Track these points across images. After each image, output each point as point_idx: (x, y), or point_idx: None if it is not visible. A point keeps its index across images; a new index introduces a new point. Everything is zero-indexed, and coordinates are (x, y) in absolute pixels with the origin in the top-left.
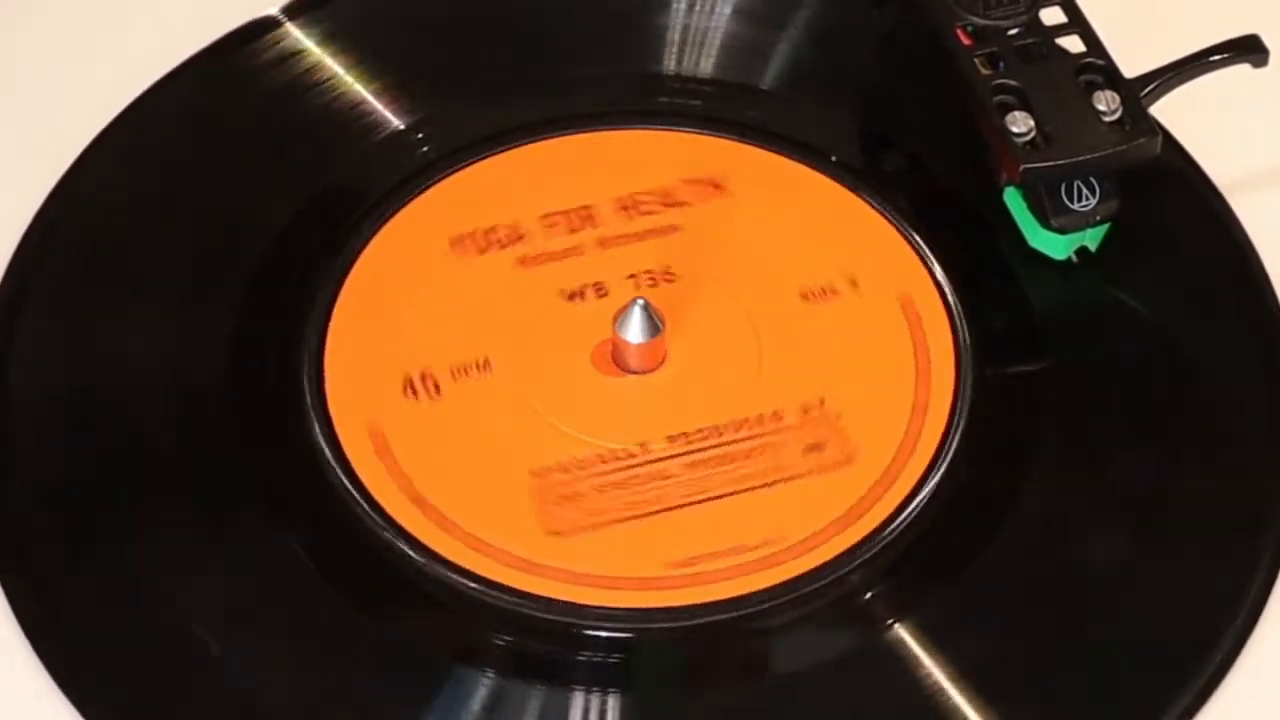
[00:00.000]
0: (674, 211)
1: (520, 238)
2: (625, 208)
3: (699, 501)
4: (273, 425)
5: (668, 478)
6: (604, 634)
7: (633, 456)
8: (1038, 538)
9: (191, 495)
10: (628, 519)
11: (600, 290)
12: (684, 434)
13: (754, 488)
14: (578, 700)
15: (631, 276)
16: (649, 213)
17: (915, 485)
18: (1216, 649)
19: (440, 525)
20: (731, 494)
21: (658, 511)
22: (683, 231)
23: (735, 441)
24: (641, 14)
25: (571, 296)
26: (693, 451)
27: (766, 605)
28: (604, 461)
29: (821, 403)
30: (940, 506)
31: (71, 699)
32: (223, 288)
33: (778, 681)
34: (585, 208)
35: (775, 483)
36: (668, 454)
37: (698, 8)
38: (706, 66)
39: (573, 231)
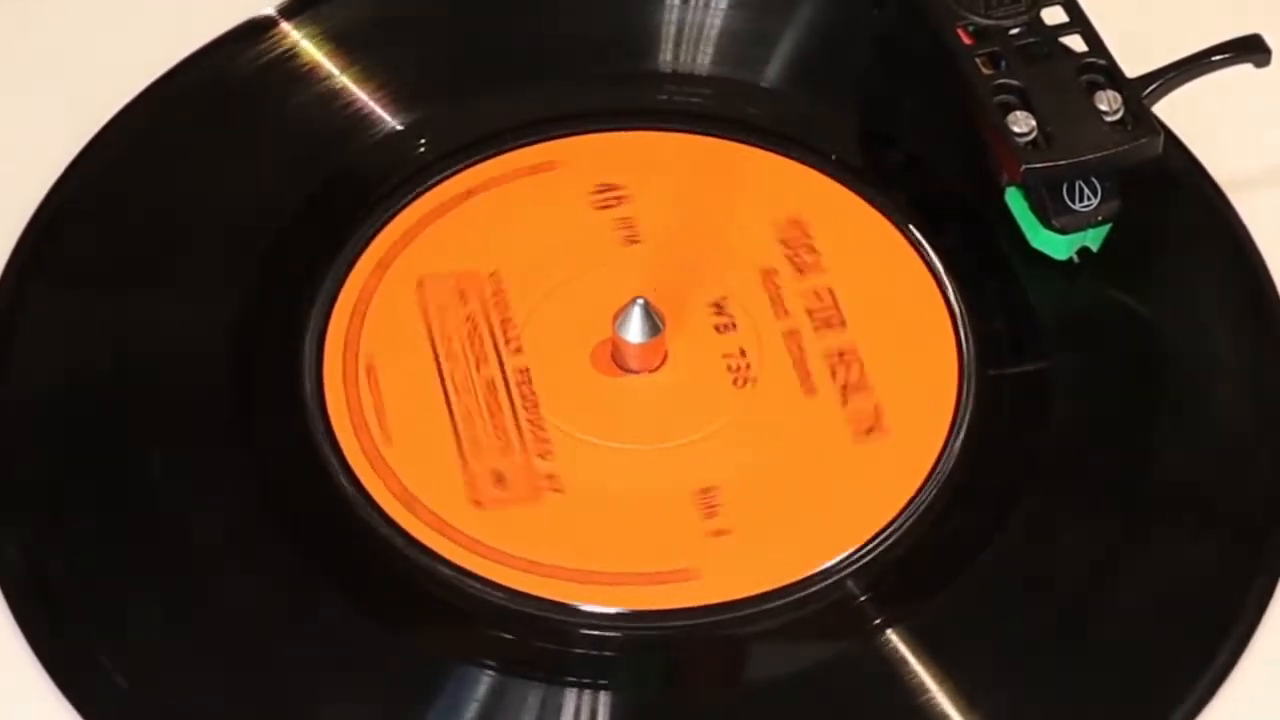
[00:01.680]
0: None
1: None
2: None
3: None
4: (273, 425)
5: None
6: (596, 635)
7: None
8: (1039, 538)
9: (191, 495)
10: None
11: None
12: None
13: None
14: (569, 701)
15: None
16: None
17: (916, 485)
18: (1218, 652)
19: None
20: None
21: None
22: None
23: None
24: (640, 12)
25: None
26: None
27: (765, 608)
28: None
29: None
30: (943, 507)
31: (71, 700)
32: (221, 288)
33: (778, 683)
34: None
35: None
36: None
37: (696, 5)
38: (705, 64)
39: None
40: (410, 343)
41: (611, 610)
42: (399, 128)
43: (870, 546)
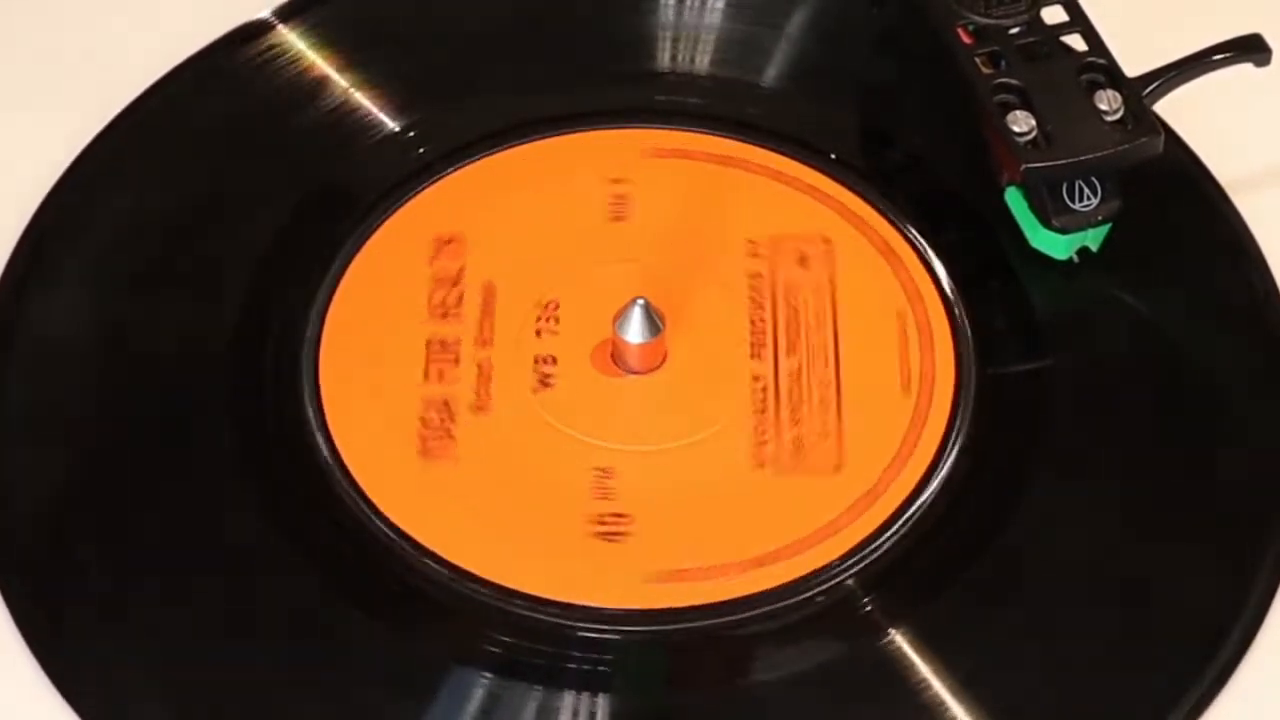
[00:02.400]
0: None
1: None
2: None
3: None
4: (271, 425)
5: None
6: (593, 637)
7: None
8: (1039, 538)
9: (190, 495)
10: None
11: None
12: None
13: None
14: (566, 702)
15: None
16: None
17: (917, 485)
18: (1220, 653)
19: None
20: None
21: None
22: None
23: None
24: (639, 11)
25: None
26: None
27: (763, 610)
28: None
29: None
30: (942, 507)
31: (70, 701)
32: (218, 289)
33: (778, 684)
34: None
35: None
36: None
37: (695, 5)
38: (704, 64)
39: None
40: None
41: (612, 610)
42: (395, 130)
43: (870, 547)
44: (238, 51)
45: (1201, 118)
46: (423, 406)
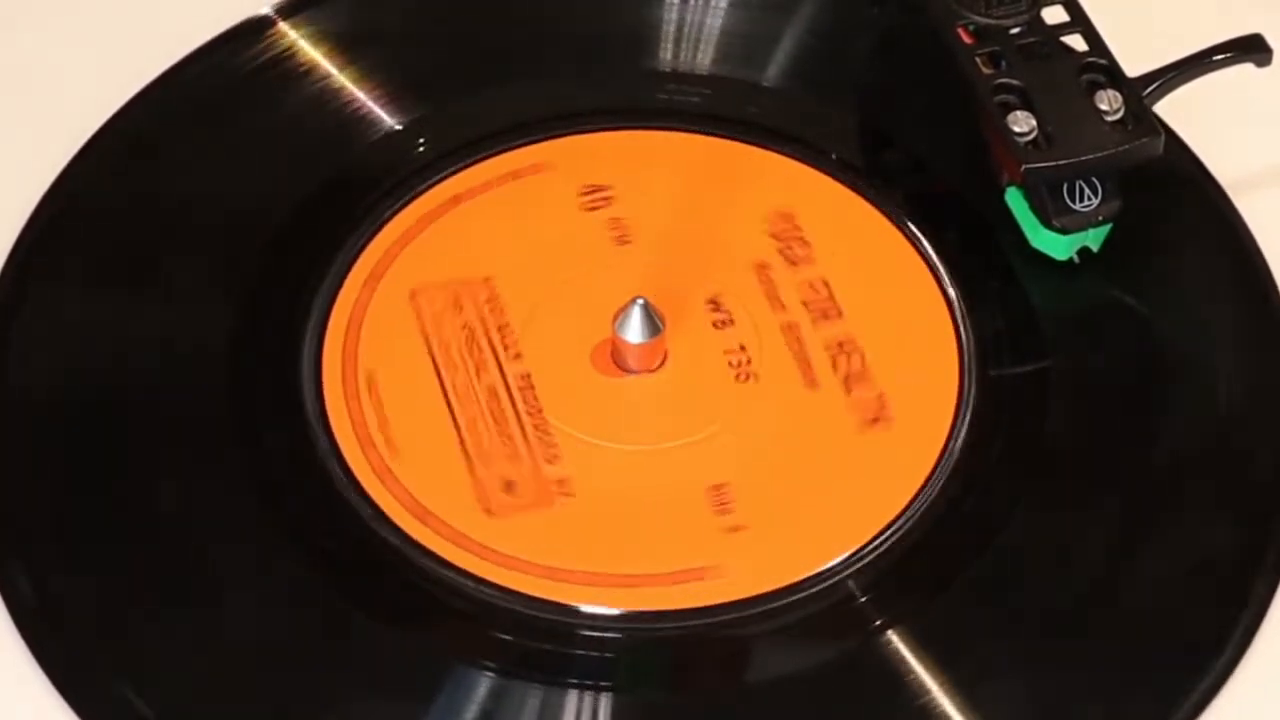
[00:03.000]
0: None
1: None
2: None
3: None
4: (271, 425)
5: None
6: (595, 636)
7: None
8: (1039, 538)
9: (190, 496)
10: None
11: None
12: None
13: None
14: (570, 701)
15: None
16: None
17: (918, 485)
18: (1220, 652)
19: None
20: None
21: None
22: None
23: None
24: (639, 11)
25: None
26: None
27: (763, 609)
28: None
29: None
30: (943, 507)
31: (70, 701)
32: (219, 288)
33: (779, 684)
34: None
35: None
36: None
37: (696, 3)
38: (705, 63)
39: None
40: (409, 354)
41: (613, 611)
42: (397, 127)
43: (871, 547)
44: (239, 48)
45: (1202, 118)
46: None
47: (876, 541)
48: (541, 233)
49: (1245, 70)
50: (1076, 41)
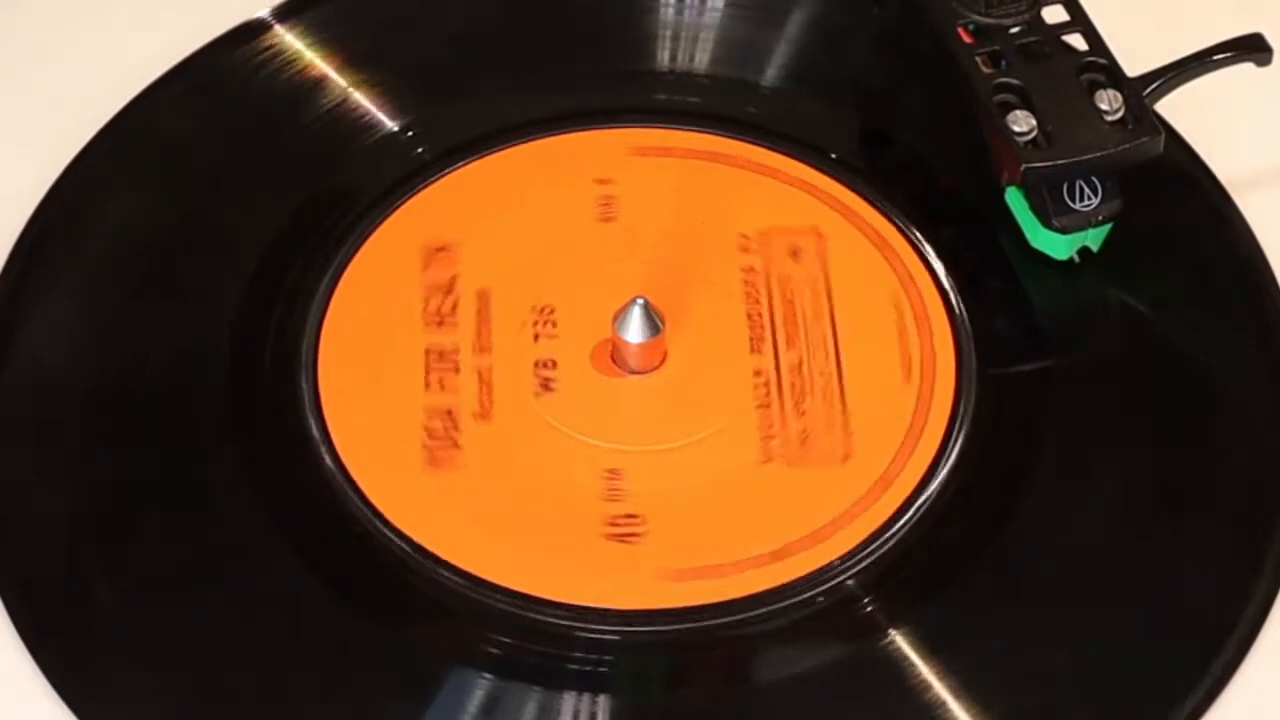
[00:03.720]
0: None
1: None
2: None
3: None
4: (270, 428)
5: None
6: (595, 638)
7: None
8: (1039, 539)
9: (189, 496)
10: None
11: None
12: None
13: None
14: (568, 703)
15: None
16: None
17: (917, 486)
18: (1220, 653)
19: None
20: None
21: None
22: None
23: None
24: (638, 10)
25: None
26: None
27: (762, 610)
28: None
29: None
30: (942, 507)
31: (70, 702)
32: (217, 289)
33: (777, 685)
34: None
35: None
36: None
37: (694, 4)
38: (704, 63)
39: None
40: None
41: (611, 610)
42: (394, 129)
43: (871, 547)
44: (235, 51)
45: (1202, 117)
46: (424, 412)
47: (875, 543)
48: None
49: (1246, 70)
50: (1077, 41)
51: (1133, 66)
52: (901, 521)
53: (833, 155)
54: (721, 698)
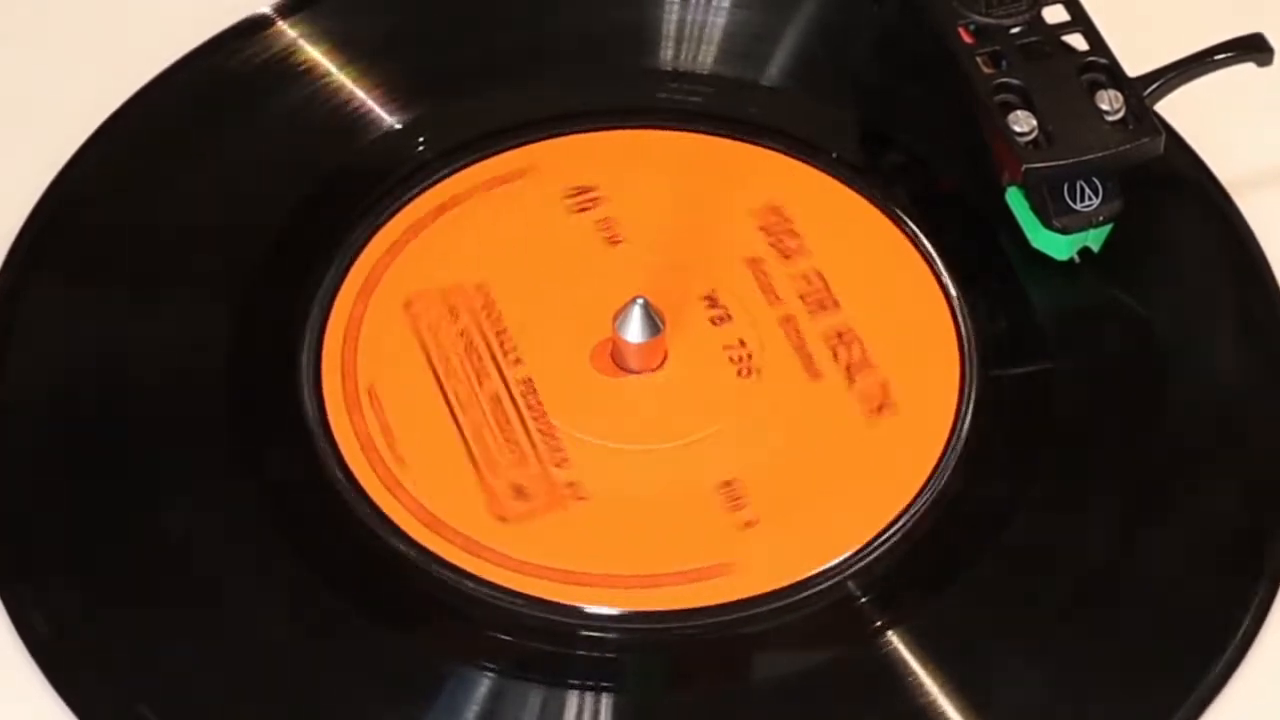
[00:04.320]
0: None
1: None
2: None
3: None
4: (270, 425)
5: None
6: (597, 637)
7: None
8: (1040, 539)
9: (189, 496)
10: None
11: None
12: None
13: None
14: (570, 702)
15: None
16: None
17: (919, 486)
18: (1220, 653)
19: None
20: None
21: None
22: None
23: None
24: (640, 10)
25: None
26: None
27: (764, 610)
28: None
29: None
30: (943, 508)
31: (68, 702)
32: (218, 287)
33: (780, 684)
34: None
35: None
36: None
37: (698, 3)
38: (706, 62)
39: None
40: (408, 364)
41: (616, 612)
42: (396, 127)
43: (872, 548)
44: (238, 47)
45: (1203, 118)
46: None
47: (876, 543)
48: (533, 236)
49: (1246, 70)
50: (1077, 41)
51: (1133, 66)
52: (901, 522)
53: (834, 155)
54: (721, 698)
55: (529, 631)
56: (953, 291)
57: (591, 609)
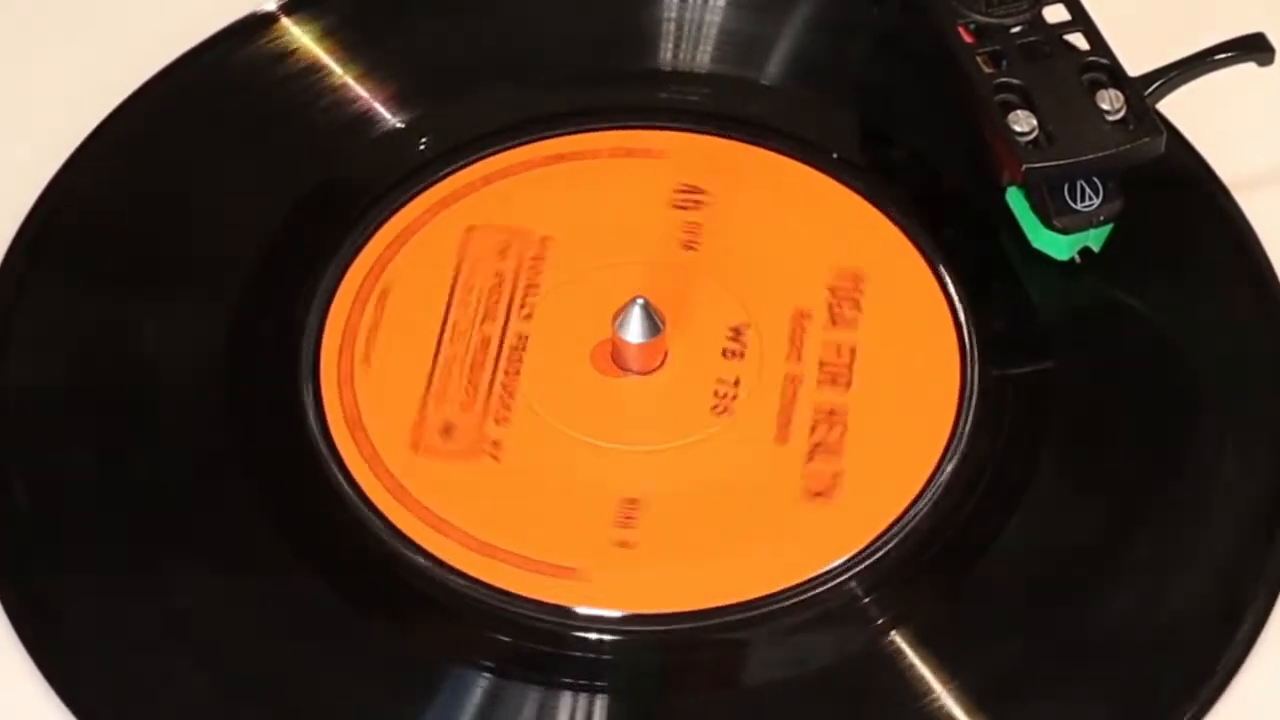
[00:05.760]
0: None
1: None
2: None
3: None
4: (270, 425)
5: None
6: (593, 638)
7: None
8: (1041, 539)
9: (189, 496)
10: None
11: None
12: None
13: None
14: (565, 702)
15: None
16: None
17: (920, 486)
18: (1223, 654)
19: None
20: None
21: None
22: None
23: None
24: (639, 9)
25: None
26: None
27: (764, 610)
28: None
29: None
30: (945, 508)
31: (68, 703)
32: (219, 286)
33: (777, 687)
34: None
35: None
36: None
37: (696, 2)
38: (705, 62)
39: None
40: (434, 281)
41: (611, 613)
42: (399, 125)
43: (873, 548)
44: (241, 44)
45: (1204, 117)
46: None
47: (878, 543)
48: (624, 214)
49: (1247, 69)
50: (1078, 40)
51: (1134, 66)
52: (901, 522)
53: (834, 155)
54: (721, 698)
55: (499, 625)
56: (953, 291)
57: (588, 608)
